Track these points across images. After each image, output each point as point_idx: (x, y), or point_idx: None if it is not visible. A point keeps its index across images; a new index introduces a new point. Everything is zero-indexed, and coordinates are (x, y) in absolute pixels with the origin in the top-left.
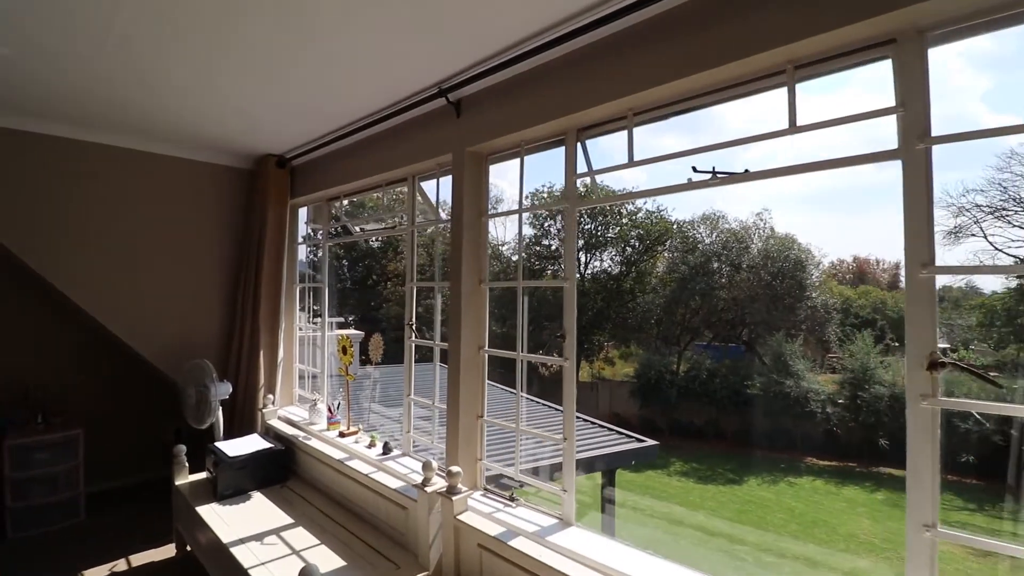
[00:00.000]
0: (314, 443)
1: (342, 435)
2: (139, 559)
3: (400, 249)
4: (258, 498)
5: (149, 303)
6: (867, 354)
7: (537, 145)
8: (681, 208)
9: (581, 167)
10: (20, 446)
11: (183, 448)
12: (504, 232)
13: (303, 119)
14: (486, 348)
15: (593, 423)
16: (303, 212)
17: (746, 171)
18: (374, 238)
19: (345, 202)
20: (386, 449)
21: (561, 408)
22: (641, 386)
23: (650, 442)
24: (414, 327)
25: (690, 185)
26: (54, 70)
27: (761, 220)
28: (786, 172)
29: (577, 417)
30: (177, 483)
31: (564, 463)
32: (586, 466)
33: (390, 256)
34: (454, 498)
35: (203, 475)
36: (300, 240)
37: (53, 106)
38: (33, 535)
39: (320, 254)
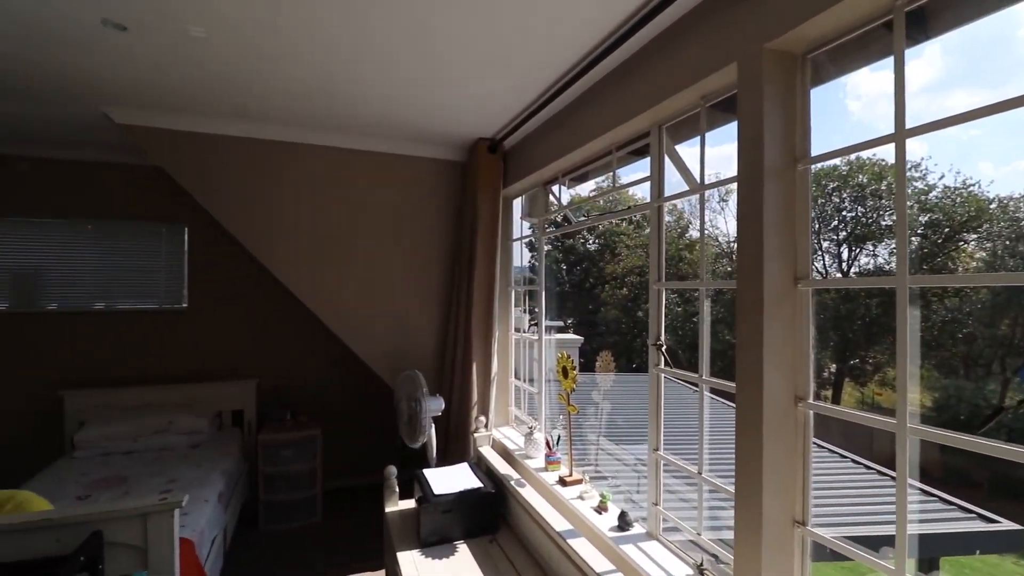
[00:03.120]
0: (529, 494)
1: (563, 482)
2: None
3: (618, 251)
4: (463, 553)
5: (368, 308)
6: None
7: None
8: (1005, 181)
9: None
10: (270, 442)
11: (393, 470)
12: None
13: (509, 76)
14: (810, 399)
15: (889, 477)
16: (517, 207)
17: None
18: (591, 240)
19: (567, 191)
20: (623, 522)
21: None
22: (945, 422)
23: (1010, 525)
24: (663, 349)
25: None
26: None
27: None
28: None
29: (867, 467)
30: (387, 510)
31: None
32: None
33: (607, 258)
34: None
35: (412, 504)
36: (515, 237)
37: (265, 109)
38: (279, 529)
39: (536, 254)
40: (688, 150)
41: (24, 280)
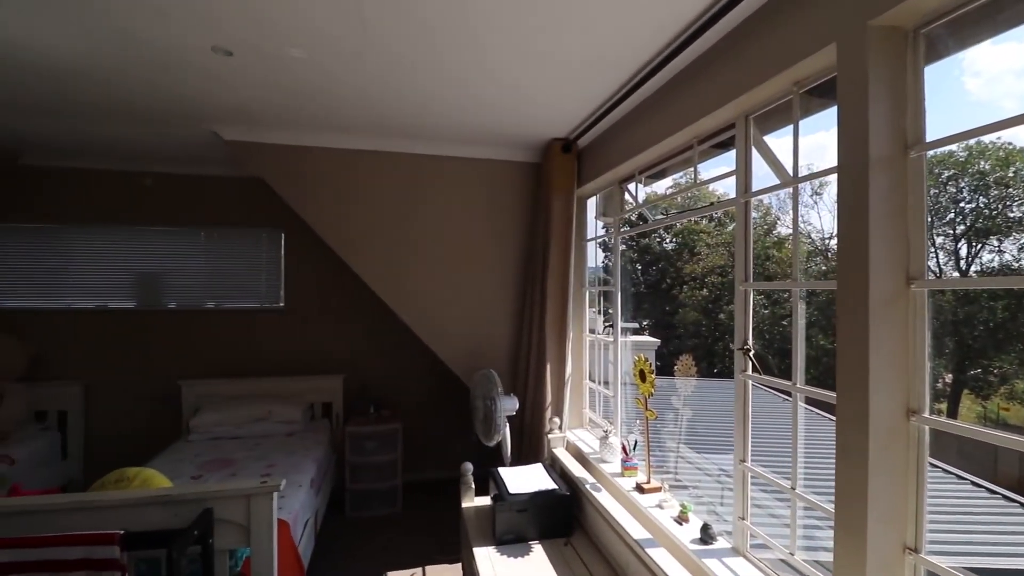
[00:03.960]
0: (604, 498)
1: (640, 489)
2: (434, 572)
3: (697, 249)
4: (537, 553)
5: (445, 307)
6: None
7: None
8: None
9: None
10: (356, 433)
11: (470, 467)
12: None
13: (584, 75)
14: (925, 412)
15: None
16: (592, 206)
17: None
18: (668, 239)
19: (643, 189)
20: (706, 534)
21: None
22: None
23: None
24: (751, 354)
25: None
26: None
27: None
28: None
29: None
30: (463, 506)
31: None
32: None
33: (685, 258)
34: None
35: (488, 500)
36: (589, 237)
37: (354, 121)
38: (364, 517)
39: (611, 256)
40: (776, 141)
41: (148, 282)
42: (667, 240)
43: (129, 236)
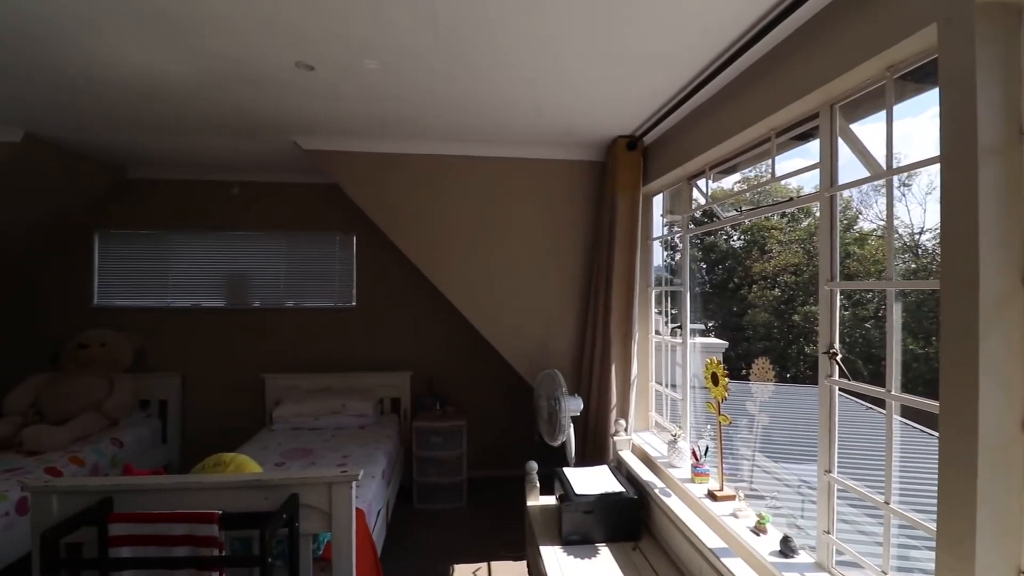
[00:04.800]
0: (675, 504)
1: (712, 496)
2: (499, 568)
3: (768, 247)
4: (604, 555)
5: (509, 308)
6: None
7: None
8: None
9: None
10: (423, 428)
11: (534, 466)
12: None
13: (650, 74)
14: None
15: None
16: (658, 204)
17: None
18: (735, 236)
19: (712, 184)
20: (786, 547)
21: None
22: None
23: None
24: (838, 358)
25: None
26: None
27: None
28: None
29: None
30: (528, 503)
31: None
32: None
33: (755, 256)
34: None
35: (552, 500)
36: (655, 236)
37: (425, 127)
38: (430, 509)
39: (674, 255)
40: (860, 129)
41: (235, 282)
42: (734, 237)
43: (219, 240)
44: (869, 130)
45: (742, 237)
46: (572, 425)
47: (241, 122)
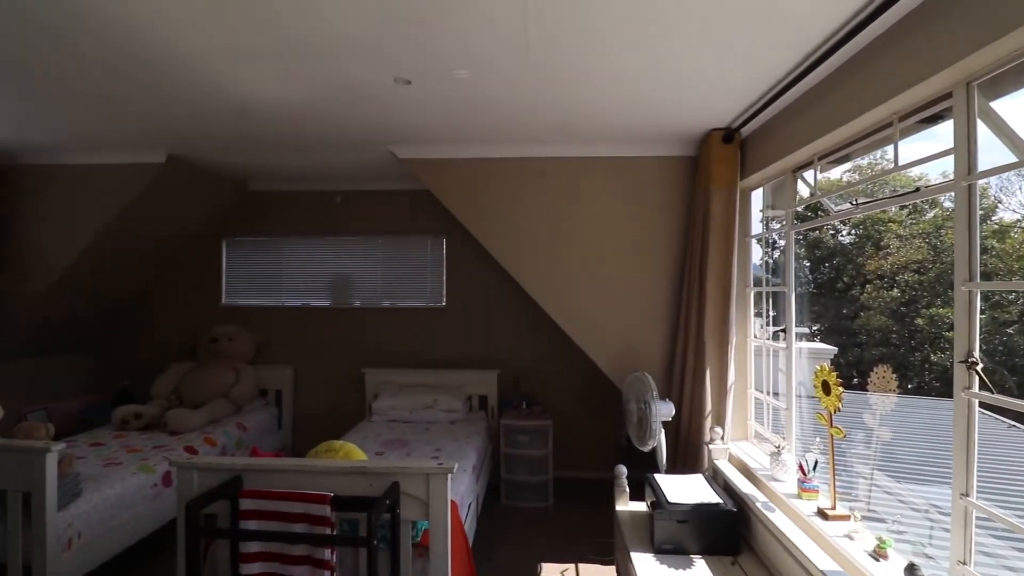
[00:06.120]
0: (780, 520)
1: (822, 514)
2: (587, 571)
3: (884, 242)
4: (701, 568)
5: (595, 308)
6: None
7: None
8: None
9: None
10: (510, 426)
11: (624, 470)
12: None
13: (751, 58)
14: None
15: None
16: (756, 198)
17: None
18: (844, 231)
19: (820, 175)
20: (912, 575)
21: None
22: None
23: None
24: (979, 369)
25: None
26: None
27: None
28: None
29: None
30: (617, 508)
31: None
32: None
33: (868, 252)
34: None
35: (642, 506)
36: (753, 233)
37: (512, 131)
38: (517, 507)
39: (775, 252)
40: (1001, 106)
41: (339, 283)
42: (843, 232)
43: (324, 245)
44: (1009, 106)
45: (852, 232)
46: (663, 431)
47: (345, 137)
